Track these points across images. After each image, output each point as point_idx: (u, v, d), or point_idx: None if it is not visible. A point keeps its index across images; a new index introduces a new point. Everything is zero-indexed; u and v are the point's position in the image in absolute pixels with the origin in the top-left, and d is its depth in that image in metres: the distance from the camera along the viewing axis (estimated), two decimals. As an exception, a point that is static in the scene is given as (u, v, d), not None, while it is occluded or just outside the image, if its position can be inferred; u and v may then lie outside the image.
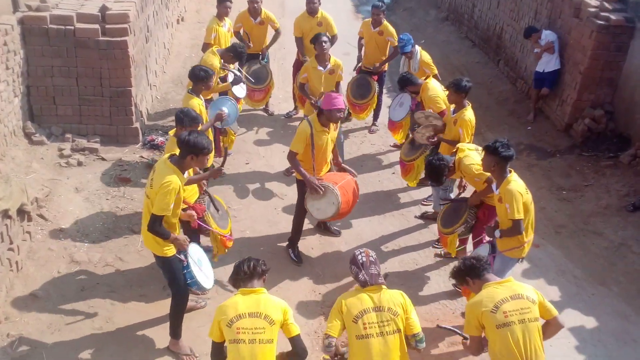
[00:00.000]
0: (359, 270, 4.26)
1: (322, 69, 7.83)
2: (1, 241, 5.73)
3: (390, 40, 8.88)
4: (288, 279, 6.51)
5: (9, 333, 5.48)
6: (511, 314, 4.04)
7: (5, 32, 7.15)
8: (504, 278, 4.45)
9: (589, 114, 9.14)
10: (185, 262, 5.18)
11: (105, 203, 7.26)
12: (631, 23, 8.74)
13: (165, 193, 4.71)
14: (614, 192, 8.02)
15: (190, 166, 4.99)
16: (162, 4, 10.86)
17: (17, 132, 7.70)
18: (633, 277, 6.78)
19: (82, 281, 6.17)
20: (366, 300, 4.13)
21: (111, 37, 7.82)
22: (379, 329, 4.06)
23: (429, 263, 6.93)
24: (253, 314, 3.99)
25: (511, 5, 11.53)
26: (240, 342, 3.93)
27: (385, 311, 4.10)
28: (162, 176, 4.78)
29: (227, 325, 3.96)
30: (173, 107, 9.58)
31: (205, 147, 4.82)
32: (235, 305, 4.03)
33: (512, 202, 5.07)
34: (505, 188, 5.13)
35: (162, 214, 4.78)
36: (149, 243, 5.13)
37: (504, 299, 4.09)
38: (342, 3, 15.42)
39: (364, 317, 4.07)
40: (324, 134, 6.21)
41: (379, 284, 4.21)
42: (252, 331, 3.94)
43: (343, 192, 6.20)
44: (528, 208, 5.22)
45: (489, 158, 5.23)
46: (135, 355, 5.43)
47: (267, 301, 4.09)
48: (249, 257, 4.30)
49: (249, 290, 4.12)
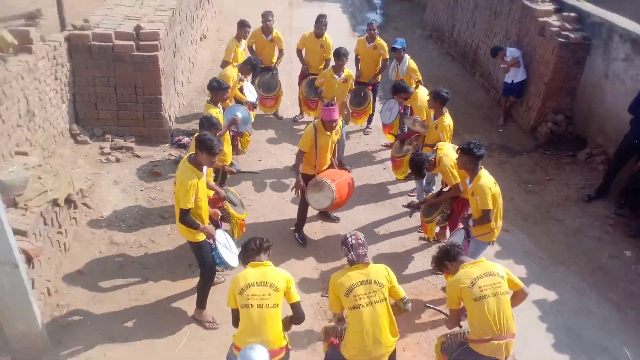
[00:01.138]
0: (348, 251, 4.24)
1: (337, 77, 7.97)
2: (51, 226, 5.75)
3: (383, 53, 8.87)
4: (294, 259, 6.54)
5: (59, 304, 5.52)
6: (486, 289, 4.06)
7: (54, 48, 7.15)
8: (477, 259, 4.45)
9: (552, 118, 9.12)
10: (214, 245, 5.23)
11: (139, 194, 7.27)
12: (588, 41, 8.71)
13: (185, 191, 4.78)
14: (573, 186, 8.01)
15: (202, 162, 4.93)
16: (188, 23, 10.83)
17: (65, 133, 7.71)
18: (588, 257, 6.78)
19: (120, 260, 6.20)
20: (354, 276, 4.13)
21: (144, 52, 7.81)
22: (367, 299, 4.06)
23: (415, 246, 6.94)
24: (261, 282, 4.01)
25: (485, 25, 11.48)
26: (250, 307, 3.96)
27: (372, 283, 4.11)
28: (180, 175, 4.86)
29: (239, 293, 3.99)
30: (197, 112, 9.57)
31: (212, 147, 4.79)
32: (245, 276, 4.07)
33: (483, 195, 5.12)
34: (477, 183, 5.16)
35: (187, 208, 4.84)
36: (183, 232, 5.19)
37: (479, 276, 4.11)
38: (340, 22, 15.35)
39: (353, 290, 4.07)
40: (326, 136, 6.29)
41: (365, 263, 4.20)
42: (260, 297, 3.97)
43: (338, 188, 6.28)
44: (496, 199, 5.24)
45: (464, 157, 5.23)
46: (165, 323, 5.46)
47: (272, 272, 4.12)
48: (253, 237, 4.32)
49: (257, 264, 4.15)
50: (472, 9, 12.23)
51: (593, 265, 6.65)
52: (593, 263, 6.69)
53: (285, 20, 15.20)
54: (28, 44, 6.66)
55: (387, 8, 17.70)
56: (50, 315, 5.36)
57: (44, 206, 5.54)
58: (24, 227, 5.16)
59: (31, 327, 4.80)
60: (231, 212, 5.90)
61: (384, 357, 4.17)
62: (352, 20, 16.19)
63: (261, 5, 16.09)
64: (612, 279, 6.44)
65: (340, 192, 6.32)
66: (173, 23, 9.08)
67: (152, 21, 8.29)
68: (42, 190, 5.64)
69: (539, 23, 9.26)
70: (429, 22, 15.09)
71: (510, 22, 10.39)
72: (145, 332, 5.33)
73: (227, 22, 14.29)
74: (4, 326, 4.80)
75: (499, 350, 4.08)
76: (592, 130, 8.65)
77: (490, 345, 4.07)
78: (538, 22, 9.30)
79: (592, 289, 6.30)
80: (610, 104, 8.16)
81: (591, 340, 5.63)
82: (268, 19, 8.97)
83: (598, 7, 9.16)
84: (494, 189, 5.21)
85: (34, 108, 6.69)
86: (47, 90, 7.05)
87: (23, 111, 6.45)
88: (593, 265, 6.65)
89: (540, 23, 9.24)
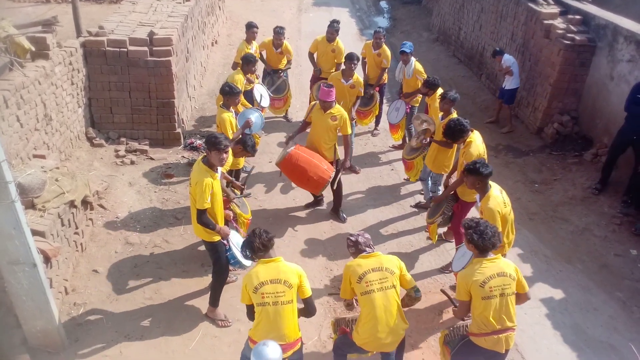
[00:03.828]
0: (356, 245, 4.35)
1: (344, 82, 7.92)
2: (68, 226, 5.80)
3: (384, 62, 8.86)
4: (304, 257, 6.53)
5: (75, 302, 5.56)
6: (495, 289, 4.03)
7: (70, 54, 7.22)
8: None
9: (558, 119, 9.08)
10: (228, 246, 5.26)
11: (153, 195, 7.31)
12: (593, 43, 8.67)
13: (201, 191, 4.80)
14: (579, 185, 7.96)
15: (213, 161, 4.92)
16: (199, 29, 10.89)
17: (81, 137, 7.78)
18: (594, 256, 6.73)
19: (135, 260, 6.23)
20: (366, 264, 4.20)
21: (157, 57, 7.86)
22: (379, 284, 4.12)
23: (423, 245, 6.91)
24: (274, 280, 3.98)
25: (491, 28, 11.44)
26: (266, 304, 3.96)
27: (383, 270, 4.16)
28: (195, 176, 4.88)
29: (253, 292, 3.98)
30: (209, 115, 9.62)
31: (217, 143, 4.78)
32: (258, 274, 4.01)
33: (491, 220, 4.79)
34: (485, 206, 4.93)
35: (203, 208, 4.86)
36: (199, 232, 5.21)
37: (492, 275, 4.04)
38: (348, 27, 15.36)
39: (366, 276, 4.13)
40: (321, 116, 6.74)
41: (375, 253, 4.27)
42: (275, 295, 3.95)
43: (297, 156, 6.59)
44: (506, 219, 5.03)
45: (471, 178, 4.98)
46: (178, 321, 5.49)
47: (285, 268, 4.06)
48: (253, 231, 4.11)
49: (268, 260, 4.07)
50: (478, 12, 12.19)
51: (599, 264, 6.60)
52: (599, 261, 6.64)
53: (294, 24, 15.25)
54: (45, 50, 6.74)
55: (395, 12, 17.70)
56: (67, 314, 5.41)
57: (61, 207, 5.59)
58: (42, 228, 5.21)
59: (49, 325, 4.85)
60: (238, 212, 5.96)
61: (395, 344, 4.23)
62: (359, 25, 16.19)
63: (271, 11, 16.18)
64: (618, 277, 6.38)
65: (297, 160, 6.56)
66: (185, 29, 9.13)
67: (165, 27, 8.35)
68: (59, 192, 5.69)
69: (545, 25, 9.23)
70: (436, 26, 15.06)
71: (516, 25, 10.35)
72: (160, 330, 5.36)
73: (237, 27, 14.36)
74: (23, 324, 4.85)
75: (498, 343, 4.10)
76: (598, 130, 8.59)
77: (490, 338, 4.09)
78: (543, 24, 9.26)
79: (598, 287, 6.25)
80: (616, 105, 8.10)
81: (598, 338, 5.59)
82: (280, 37, 9.01)
83: (603, 9, 9.12)
84: (504, 209, 4.97)
85: (51, 112, 6.75)
86: (64, 95, 7.12)
87: (40, 115, 6.52)
88: (599, 264, 6.60)
89: (546, 25, 9.21)
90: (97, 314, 5.48)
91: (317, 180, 6.60)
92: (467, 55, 12.75)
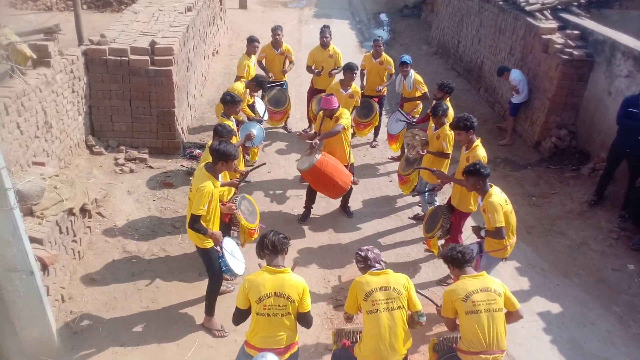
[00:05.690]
0: (366, 261, 4.29)
1: (343, 91, 7.98)
2: (66, 234, 5.79)
3: (389, 68, 8.91)
4: (302, 267, 6.49)
5: (72, 310, 5.53)
6: (479, 304, 4.02)
7: (71, 62, 7.24)
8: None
9: (555, 133, 9.10)
10: (221, 253, 5.22)
11: (152, 204, 7.30)
12: (591, 58, 8.72)
13: (200, 197, 4.77)
14: (576, 199, 7.97)
15: (221, 170, 5.00)
16: (201, 39, 10.94)
17: (81, 144, 7.78)
18: (591, 270, 6.72)
19: (133, 268, 6.21)
20: (374, 282, 4.14)
21: (158, 66, 7.89)
22: (386, 304, 4.06)
23: (420, 256, 6.90)
24: (278, 293, 3.93)
25: (490, 42, 11.51)
26: (266, 315, 3.95)
27: (391, 290, 4.10)
28: (197, 182, 4.85)
29: (256, 302, 3.94)
30: (208, 124, 9.62)
31: (232, 154, 4.84)
32: (265, 285, 3.94)
33: (493, 213, 4.95)
34: (488, 201, 5.01)
35: (198, 214, 4.83)
36: (192, 237, 5.19)
37: (475, 290, 4.07)
38: (348, 39, 15.44)
39: (372, 295, 4.08)
40: (328, 122, 6.87)
41: (385, 270, 4.22)
42: (276, 307, 3.94)
43: (325, 163, 6.59)
44: (508, 216, 5.09)
45: (472, 179, 5.05)
46: (175, 330, 5.46)
47: (290, 282, 3.98)
48: (270, 231, 4.13)
49: (275, 270, 3.99)
50: (477, 27, 12.26)
51: (596, 278, 6.59)
52: (596, 276, 6.63)
53: (294, 35, 15.33)
54: (46, 58, 6.76)
55: (394, 25, 17.80)
56: (63, 322, 5.37)
57: (59, 215, 5.57)
58: (40, 235, 5.20)
59: (45, 333, 4.82)
60: (242, 221, 5.85)
61: None
62: (360, 37, 16.26)
63: (271, 22, 16.27)
64: (615, 292, 6.37)
65: (325, 167, 6.57)
66: (186, 39, 9.17)
67: (166, 37, 8.39)
68: (58, 200, 5.69)
69: (543, 40, 9.28)
70: (435, 39, 15.14)
71: (514, 40, 10.41)
72: (156, 339, 5.33)
73: (238, 38, 14.44)
74: (19, 331, 4.81)
75: None
76: (595, 145, 8.61)
77: (478, 358, 4.05)
78: (542, 39, 9.31)
79: (595, 302, 6.24)
80: (613, 120, 8.09)
81: (595, 352, 5.56)
82: (277, 33, 9.06)
83: (601, 25, 9.18)
84: (506, 206, 5.06)
85: (52, 120, 6.76)
86: (64, 103, 7.13)
87: (41, 123, 6.52)
88: (596, 278, 6.59)
89: (544, 40, 9.26)
90: (93, 322, 5.44)
91: (342, 185, 6.77)
92: (466, 68, 12.81)
